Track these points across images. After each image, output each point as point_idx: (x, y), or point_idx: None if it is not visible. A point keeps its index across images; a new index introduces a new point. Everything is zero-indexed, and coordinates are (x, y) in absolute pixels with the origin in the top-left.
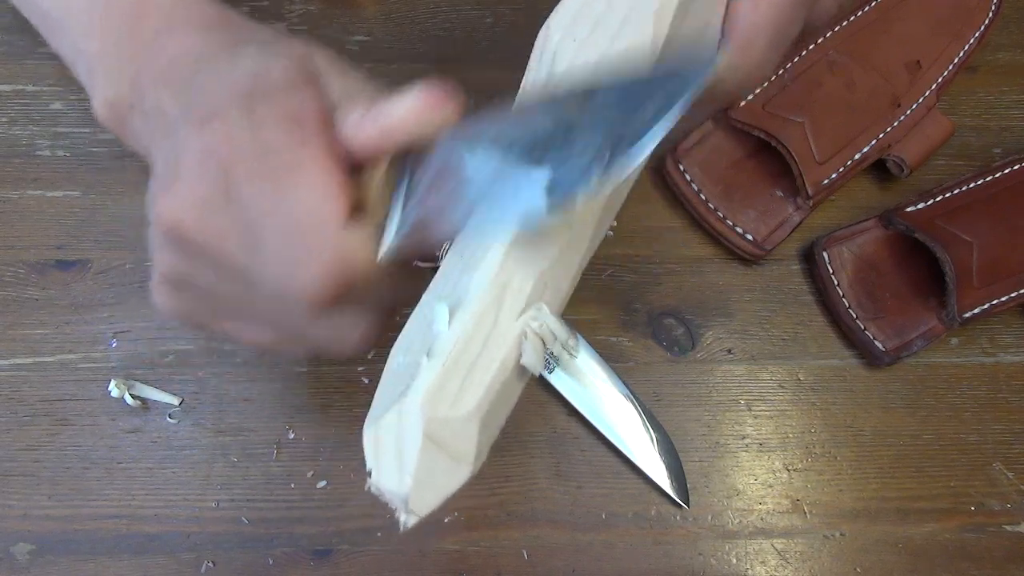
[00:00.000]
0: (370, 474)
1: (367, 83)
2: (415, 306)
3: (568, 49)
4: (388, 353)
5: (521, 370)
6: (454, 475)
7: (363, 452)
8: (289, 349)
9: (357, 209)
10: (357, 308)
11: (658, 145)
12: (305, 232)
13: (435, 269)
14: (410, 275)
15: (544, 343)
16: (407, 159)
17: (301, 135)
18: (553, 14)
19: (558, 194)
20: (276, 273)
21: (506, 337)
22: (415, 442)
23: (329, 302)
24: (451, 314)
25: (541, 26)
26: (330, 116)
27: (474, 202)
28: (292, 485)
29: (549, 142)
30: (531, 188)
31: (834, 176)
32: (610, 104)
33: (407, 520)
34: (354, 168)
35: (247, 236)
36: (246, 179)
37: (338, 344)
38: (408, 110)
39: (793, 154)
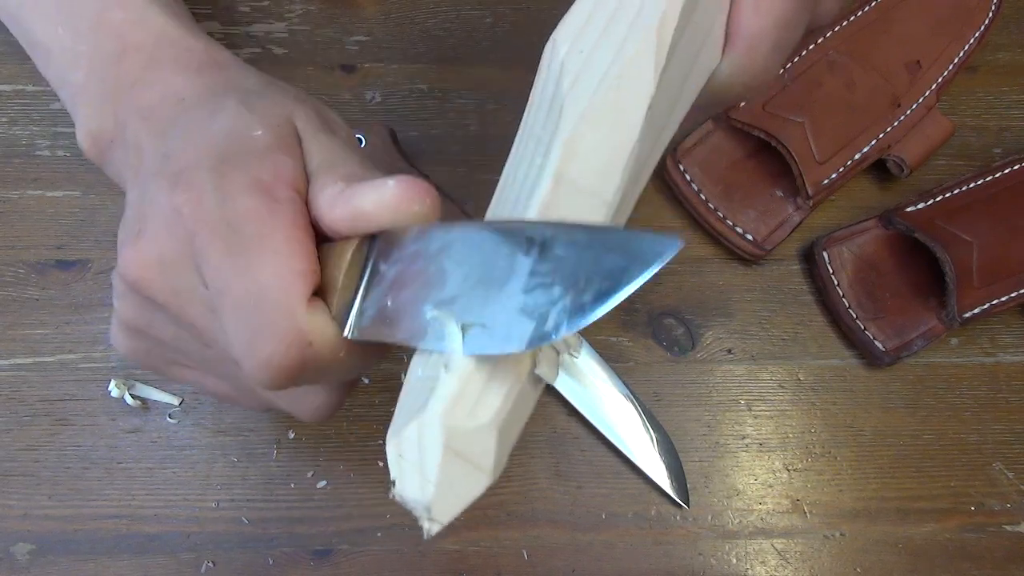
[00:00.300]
0: (393, 484)
1: (349, 150)
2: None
3: (575, 62)
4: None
5: (536, 379)
6: (475, 484)
7: (369, 457)
8: (247, 404)
9: (325, 286)
10: (316, 382)
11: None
12: (264, 311)
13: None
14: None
15: (557, 353)
16: (375, 241)
17: (270, 206)
18: (559, 27)
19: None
20: (233, 346)
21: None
22: (436, 453)
23: (283, 382)
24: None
25: (541, 26)
26: (304, 185)
27: (435, 318)
28: (292, 485)
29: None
30: (503, 314)
31: (834, 176)
32: (568, 253)
33: (430, 528)
34: (326, 239)
35: (208, 302)
36: (210, 248)
37: (296, 411)
38: (382, 201)
39: (793, 154)
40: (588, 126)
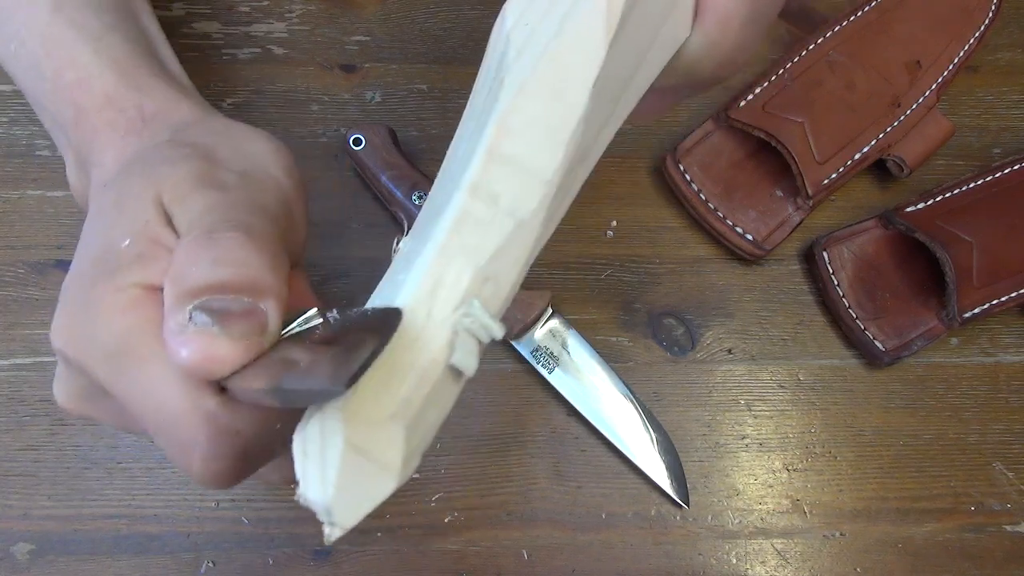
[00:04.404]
0: (297, 484)
1: (222, 208)
2: None
3: (520, 34)
4: None
5: (454, 371)
6: (379, 484)
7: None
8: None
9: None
10: (277, 455)
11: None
12: (178, 427)
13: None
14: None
15: (478, 342)
16: None
17: (142, 322)
18: (508, 1)
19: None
20: (170, 456)
21: (436, 336)
22: (337, 449)
23: (236, 480)
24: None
25: None
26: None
27: None
28: (292, 485)
29: None
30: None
31: (834, 176)
32: None
33: (331, 533)
34: None
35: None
36: (103, 379)
37: (267, 481)
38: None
39: (793, 154)
40: (526, 100)
